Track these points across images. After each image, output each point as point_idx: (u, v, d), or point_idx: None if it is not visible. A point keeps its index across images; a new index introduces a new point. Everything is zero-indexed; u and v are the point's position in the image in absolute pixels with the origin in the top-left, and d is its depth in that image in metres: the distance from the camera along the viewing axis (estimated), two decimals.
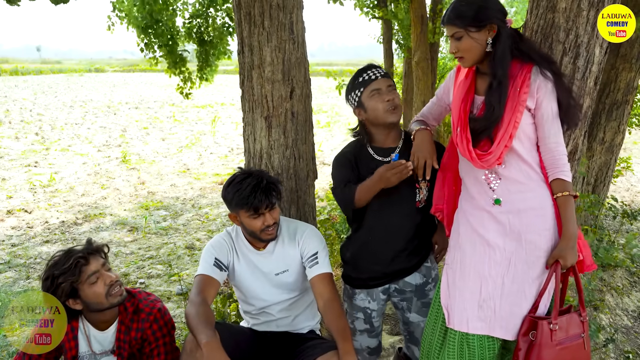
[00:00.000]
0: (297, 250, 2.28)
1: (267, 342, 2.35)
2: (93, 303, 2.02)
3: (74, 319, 2.10)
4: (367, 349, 2.45)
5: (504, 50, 1.82)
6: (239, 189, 2.09)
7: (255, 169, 2.22)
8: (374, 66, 2.20)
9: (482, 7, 1.80)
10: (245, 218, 2.14)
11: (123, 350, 2.11)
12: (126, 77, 39.36)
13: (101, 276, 2.01)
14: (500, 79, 1.82)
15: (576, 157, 2.37)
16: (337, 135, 13.84)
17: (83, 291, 1.99)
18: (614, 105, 4.87)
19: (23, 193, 7.83)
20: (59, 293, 1.96)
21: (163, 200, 7.71)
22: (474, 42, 1.83)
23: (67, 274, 1.94)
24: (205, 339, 1.83)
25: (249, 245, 2.30)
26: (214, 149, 11.90)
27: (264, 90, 2.47)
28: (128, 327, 2.11)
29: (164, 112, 18.35)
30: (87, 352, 2.13)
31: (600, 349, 3.15)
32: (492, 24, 1.81)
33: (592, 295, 2.63)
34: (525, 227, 1.88)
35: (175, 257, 5.34)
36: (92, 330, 2.12)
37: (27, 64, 52.93)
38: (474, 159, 1.88)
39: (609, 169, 5.09)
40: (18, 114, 16.53)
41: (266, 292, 2.32)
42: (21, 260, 5.21)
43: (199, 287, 2.13)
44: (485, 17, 1.80)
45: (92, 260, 2.02)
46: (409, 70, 6.71)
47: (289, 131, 2.53)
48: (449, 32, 1.88)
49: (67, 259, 1.97)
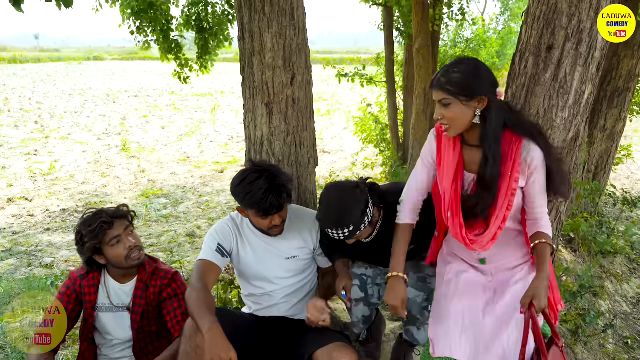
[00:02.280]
0: (309, 241, 2.37)
1: (269, 328, 2.36)
2: (114, 261, 2.16)
3: (97, 271, 2.24)
4: (362, 318, 2.50)
5: (496, 124, 1.78)
6: (250, 192, 2.08)
7: (267, 164, 2.20)
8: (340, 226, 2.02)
9: (475, 78, 1.75)
10: (253, 217, 2.17)
11: (137, 307, 2.21)
12: (125, 65, 39.15)
13: (122, 240, 2.14)
14: (495, 157, 1.79)
15: (577, 144, 2.36)
16: (338, 123, 13.82)
17: (105, 251, 2.14)
18: (616, 92, 4.85)
19: (23, 181, 7.83)
20: (85, 248, 2.12)
21: (163, 188, 7.71)
22: (462, 111, 1.77)
23: (91, 235, 2.08)
24: (208, 324, 1.84)
25: (255, 229, 2.31)
26: (214, 137, 11.88)
27: (264, 76, 2.45)
28: (146, 284, 2.22)
29: (164, 101, 18.30)
30: (106, 303, 2.23)
31: (599, 334, 3.17)
32: (483, 96, 1.76)
33: (592, 282, 2.64)
34: (509, 278, 1.96)
35: (176, 245, 5.36)
36: (112, 282, 2.24)
37: (25, 52, 52.56)
38: (468, 244, 1.91)
39: (610, 157, 5.09)
40: (17, 103, 16.48)
41: (274, 275, 2.34)
42: (22, 248, 5.22)
43: (200, 272, 2.15)
44: (477, 89, 1.74)
45: (117, 224, 2.14)
46: (410, 57, 6.67)
47: (289, 118, 2.52)
48: (436, 96, 1.81)
49: (94, 221, 2.10)
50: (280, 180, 2.11)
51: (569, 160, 2.38)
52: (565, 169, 1.96)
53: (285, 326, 2.37)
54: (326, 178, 6.27)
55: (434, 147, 2.01)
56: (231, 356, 1.78)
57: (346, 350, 2.04)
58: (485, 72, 1.78)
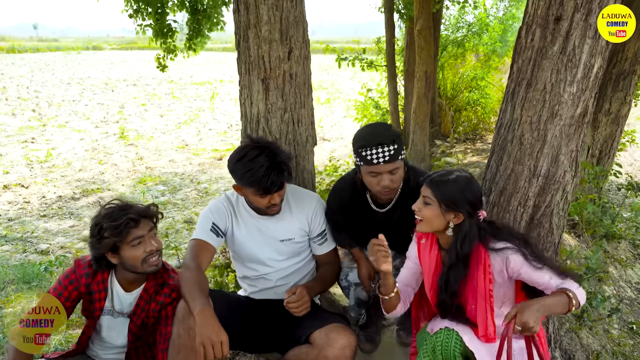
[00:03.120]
0: (305, 223, 2.29)
1: (264, 311, 2.29)
2: (129, 264, 1.99)
3: (106, 271, 2.08)
4: (357, 300, 2.46)
5: (463, 243, 1.86)
6: (250, 169, 1.98)
7: (265, 140, 2.12)
8: (382, 144, 2.03)
9: (461, 194, 1.84)
10: (252, 195, 2.07)
11: (138, 318, 2.07)
12: (124, 54, 38.89)
13: (143, 242, 1.97)
14: (455, 274, 1.88)
15: (585, 120, 2.27)
16: (337, 112, 13.72)
17: (123, 250, 1.96)
18: (621, 75, 4.74)
19: (20, 168, 7.75)
20: (102, 244, 1.95)
21: (161, 175, 7.63)
22: (437, 216, 1.87)
23: (114, 231, 1.91)
24: (199, 306, 1.77)
25: (251, 210, 2.23)
26: (213, 125, 11.79)
27: (260, 50, 2.35)
28: (150, 297, 2.07)
29: (162, 89, 18.17)
30: (108, 307, 2.10)
31: (604, 319, 3.11)
32: (460, 212, 1.85)
33: (600, 265, 2.57)
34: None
35: (173, 231, 5.29)
36: (117, 288, 2.08)
37: (24, 42, 52.27)
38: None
39: (614, 141, 4.99)
40: (15, 91, 16.36)
41: (269, 257, 2.26)
42: (18, 235, 5.16)
43: (193, 252, 2.07)
44: (458, 205, 1.84)
45: (142, 223, 1.98)
46: (411, 40, 6.54)
47: (287, 94, 2.42)
48: (422, 191, 1.92)
49: (120, 216, 1.93)
50: (281, 158, 2.03)
51: (577, 138, 2.29)
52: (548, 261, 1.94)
53: (281, 309, 2.30)
54: (325, 165, 6.19)
55: (414, 252, 2.09)
56: (222, 339, 1.71)
57: (344, 331, 1.98)
58: (472, 192, 1.86)
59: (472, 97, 8.39)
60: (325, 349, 1.92)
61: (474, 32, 8.17)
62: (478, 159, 7.34)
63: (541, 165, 2.31)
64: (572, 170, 2.36)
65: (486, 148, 8.16)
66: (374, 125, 2.21)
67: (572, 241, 4.08)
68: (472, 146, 8.30)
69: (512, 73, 2.37)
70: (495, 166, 2.45)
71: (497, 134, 2.46)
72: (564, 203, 2.42)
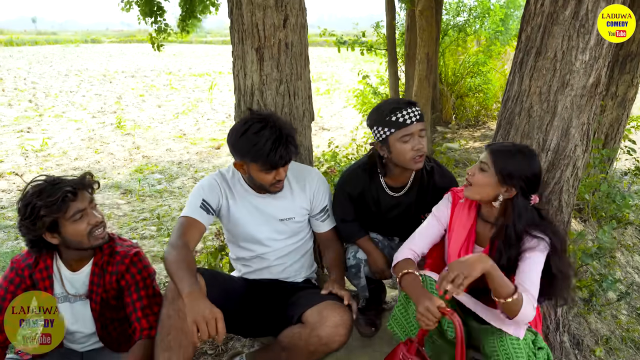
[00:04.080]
0: (307, 200, 2.19)
1: (260, 291, 2.18)
2: (73, 241, 1.83)
3: (48, 255, 1.91)
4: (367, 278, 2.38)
5: (519, 225, 1.79)
6: (256, 143, 1.86)
7: (266, 112, 2.01)
8: (412, 104, 2.05)
9: (518, 168, 1.77)
10: (256, 171, 1.95)
11: (96, 295, 1.93)
12: (123, 47, 38.58)
13: (86, 215, 1.82)
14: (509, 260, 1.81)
15: (598, 91, 2.15)
16: (337, 102, 13.58)
17: (64, 227, 1.79)
18: (628, 57, 4.61)
19: (15, 157, 7.63)
20: (37, 225, 1.76)
21: (158, 164, 7.52)
22: (490, 185, 1.81)
23: (51, 207, 1.74)
24: (187, 288, 1.66)
25: (249, 187, 2.11)
26: (211, 115, 11.66)
27: (254, 18, 2.21)
28: (102, 269, 1.92)
29: (161, 81, 18.00)
30: (62, 293, 1.95)
31: (612, 303, 3.00)
32: (513, 187, 1.78)
33: (612, 244, 2.46)
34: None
35: (169, 219, 5.18)
36: (64, 271, 1.93)
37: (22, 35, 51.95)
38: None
39: (620, 125, 4.86)
40: (12, 83, 16.18)
41: (267, 237, 2.15)
42: (10, 222, 5.05)
43: (181, 229, 1.94)
44: (512, 178, 1.77)
45: (80, 195, 1.81)
46: (412, 24, 6.39)
47: (282, 64, 2.30)
48: (482, 157, 1.86)
49: (54, 191, 1.75)
50: (286, 130, 1.91)
51: (588, 110, 2.17)
52: (571, 276, 1.90)
53: (276, 289, 2.19)
54: (325, 152, 6.06)
55: (447, 213, 2.02)
56: (216, 315, 1.59)
57: (338, 308, 1.86)
58: (532, 170, 1.79)
59: (474, 82, 8.25)
60: (317, 328, 1.81)
61: (475, 16, 8.01)
62: (481, 144, 7.22)
63: (550, 139, 2.20)
64: (583, 144, 2.24)
65: (489, 134, 8.04)
66: (386, 100, 2.19)
67: (577, 226, 3.97)
68: (475, 133, 8.18)
69: (520, 42, 2.25)
70: (501, 142, 2.33)
71: (504, 107, 2.34)
72: (574, 179, 2.30)
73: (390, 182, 2.24)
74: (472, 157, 6.62)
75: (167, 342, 1.75)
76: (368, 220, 2.34)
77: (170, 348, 1.75)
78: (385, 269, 2.27)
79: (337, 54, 7.05)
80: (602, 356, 2.56)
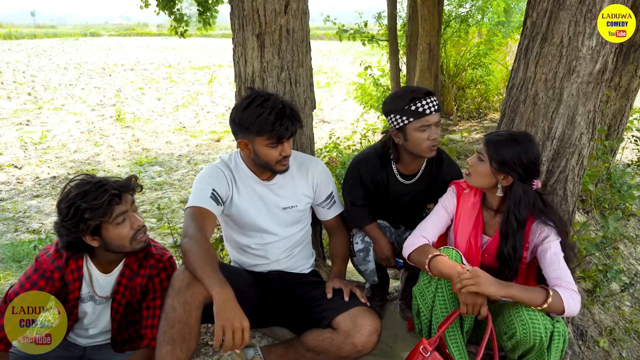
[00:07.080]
0: (309, 188, 2.16)
1: (272, 284, 2.15)
2: (114, 245, 1.78)
3: (79, 256, 1.85)
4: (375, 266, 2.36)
5: (520, 211, 1.82)
6: (261, 114, 1.82)
7: (266, 91, 1.98)
8: (430, 94, 2.07)
9: (512, 155, 1.80)
10: (262, 147, 1.91)
11: (121, 297, 1.89)
12: (122, 40, 38.44)
13: (128, 218, 1.77)
14: (515, 245, 1.85)
15: (604, 78, 2.11)
16: (337, 95, 13.53)
17: (107, 230, 1.74)
18: (632, 47, 4.56)
19: (14, 150, 7.59)
20: (80, 227, 1.70)
21: (158, 156, 7.48)
22: (486, 174, 1.86)
23: (97, 210, 1.68)
24: (218, 285, 1.60)
25: (253, 175, 2.07)
26: (211, 108, 11.60)
27: (255, 3, 2.18)
28: (134, 272, 1.88)
29: (160, 74, 17.91)
30: (89, 293, 1.90)
31: (616, 294, 2.98)
32: (509, 175, 1.82)
33: (617, 233, 2.43)
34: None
35: (169, 211, 5.16)
36: (95, 272, 1.88)
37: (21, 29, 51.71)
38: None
39: (624, 117, 4.82)
40: (11, 76, 16.10)
41: (270, 226, 2.11)
42: (10, 214, 5.03)
43: (197, 221, 1.85)
44: (509, 167, 1.81)
45: (124, 198, 1.77)
46: (414, 14, 6.34)
47: (283, 51, 2.26)
48: (480, 148, 1.90)
49: (100, 193, 1.69)
50: (289, 104, 1.89)
51: (595, 97, 2.14)
52: (574, 260, 2.00)
53: (286, 281, 2.15)
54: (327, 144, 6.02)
55: (453, 202, 2.05)
56: (244, 325, 1.56)
57: (370, 315, 1.85)
58: (528, 156, 1.81)
59: (476, 74, 8.20)
60: (352, 335, 1.78)
61: (478, 7, 7.94)
62: (482, 136, 7.17)
63: (556, 127, 2.17)
64: (589, 132, 2.22)
65: (491, 126, 7.99)
66: (403, 87, 2.19)
67: (580, 218, 3.94)
68: (477, 124, 8.13)
69: (526, 28, 2.21)
70: (499, 131, 2.30)
71: (508, 95, 2.31)
72: (579, 168, 2.27)
73: (401, 169, 2.25)
74: (473, 148, 6.57)
75: (170, 334, 1.70)
76: (376, 206, 2.34)
77: (174, 341, 1.69)
78: (391, 257, 2.26)
79: (337, 47, 7.03)
80: (606, 347, 2.53)
